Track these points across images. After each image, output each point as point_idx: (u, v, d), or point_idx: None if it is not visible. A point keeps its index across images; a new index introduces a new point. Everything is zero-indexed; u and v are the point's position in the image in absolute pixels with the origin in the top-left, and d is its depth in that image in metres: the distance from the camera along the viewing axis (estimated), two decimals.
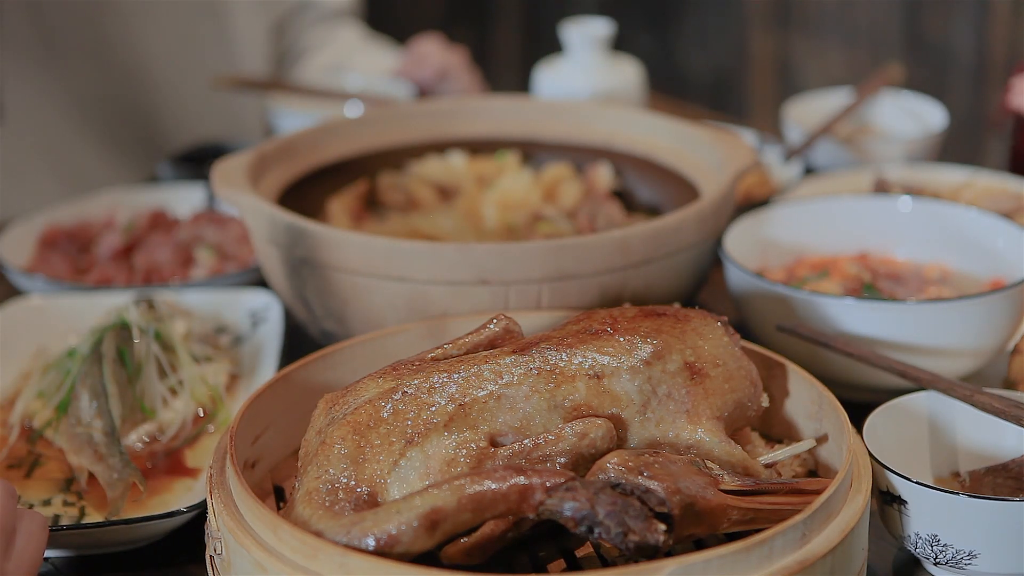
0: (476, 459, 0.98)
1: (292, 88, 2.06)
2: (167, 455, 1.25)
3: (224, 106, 2.21)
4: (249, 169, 1.43)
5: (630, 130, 1.63)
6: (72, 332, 1.41)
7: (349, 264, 1.28)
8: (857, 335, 1.27)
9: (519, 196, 1.58)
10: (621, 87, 1.96)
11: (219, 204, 1.76)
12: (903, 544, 1.07)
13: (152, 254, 1.63)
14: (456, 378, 1.02)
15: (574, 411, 1.03)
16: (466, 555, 0.96)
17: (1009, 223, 1.42)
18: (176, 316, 1.40)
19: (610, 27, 1.97)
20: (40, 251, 1.66)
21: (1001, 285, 1.37)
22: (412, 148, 1.66)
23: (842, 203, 1.52)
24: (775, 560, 0.92)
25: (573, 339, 1.07)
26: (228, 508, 0.99)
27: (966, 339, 1.28)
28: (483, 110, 1.69)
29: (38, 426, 1.28)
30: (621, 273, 1.28)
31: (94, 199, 1.77)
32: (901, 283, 1.42)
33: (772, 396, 1.17)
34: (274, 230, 1.33)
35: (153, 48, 2.13)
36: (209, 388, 1.32)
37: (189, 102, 2.18)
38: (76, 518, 1.16)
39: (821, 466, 1.13)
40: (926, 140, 1.83)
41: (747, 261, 1.42)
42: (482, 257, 1.24)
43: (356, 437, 0.99)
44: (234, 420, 1.08)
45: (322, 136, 1.59)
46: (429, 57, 2.13)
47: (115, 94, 2.11)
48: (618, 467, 0.96)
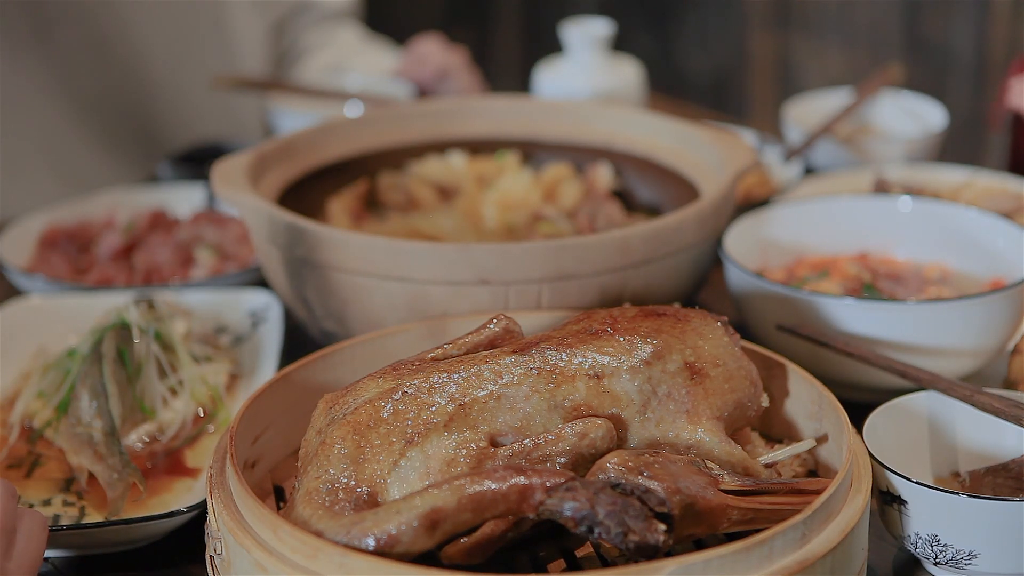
0: (476, 459, 0.98)
1: (292, 88, 2.06)
2: (167, 455, 1.25)
3: (224, 106, 2.21)
4: (249, 169, 1.43)
5: (630, 130, 1.63)
6: (72, 332, 1.41)
7: (349, 264, 1.28)
8: (857, 335, 1.27)
9: (519, 196, 1.58)
10: (621, 87, 1.96)
11: (219, 204, 1.76)
12: (903, 544, 1.07)
13: (152, 254, 1.63)
14: (456, 378, 1.02)
15: (574, 411, 1.03)
16: (466, 555, 0.96)
17: (1009, 223, 1.42)
18: (176, 316, 1.40)
19: (610, 27, 1.97)
20: (40, 251, 1.66)
21: (1001, 285, 1.37)
22: (412, 148, 1.66)
23: (842, 203, 1.52)
24: (775, 560, 0.92)
25: (573, 339, 1.07)
26: (228, 508, 0.99)
27: (966, 339, 1.28)
28: (483, 110, 1.69)
29: (38, 426, 1.28)
30: (621, 273, 1.28)
31: (94, 199, 1.77)
32: (901, 283, 1.42)
33: (772, 396, 1.17)
34: (274, 230, 1.33)
35: (153, 48, 2.13)
36: (209, 388, 1.32)
37: (189, 102, 2.18)
38: (76, 518, 1.16)
39: (821, 466, 1.13)
40: (926, 140, 1.83)
41: (747, 261, 1.42)
42: (482, 257, 1.24)
43: (356, 437, 0.99)
44: (234, 420, 1.08)
45: (322, 136, 1.59)
46: (429, 57, 2.13)
47: (115, 94, 2.11)
48: (618, 467, 0.96)
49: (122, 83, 2.11)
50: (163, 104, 2.16)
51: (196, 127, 2.17)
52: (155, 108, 2.16)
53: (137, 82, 2.13)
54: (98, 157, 2.11)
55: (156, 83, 2.15)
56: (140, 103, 2.13)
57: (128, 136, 2.14)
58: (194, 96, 2.18)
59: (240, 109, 2.23)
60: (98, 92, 2.09)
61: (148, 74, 2.14)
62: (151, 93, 2.15)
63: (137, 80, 2.13)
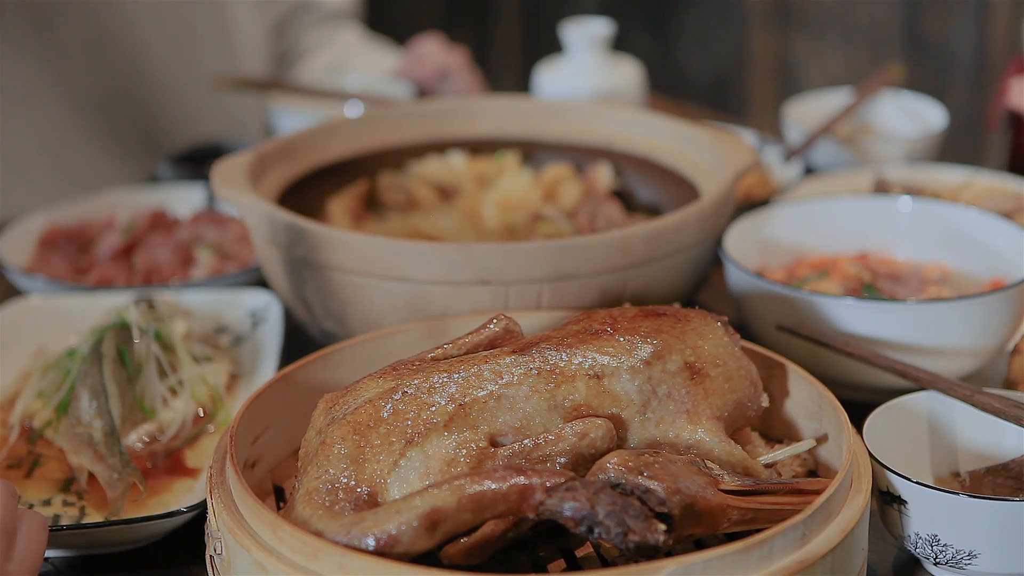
0: (476, 459, 0.98)
1: (292, 88, 2.06)
2: (167, 455, 1.25)
3: (224, 106, 2.21)
4: (249, 169, 1.43)
5: (630, 130, 1.63)
6: (72, 332, 1.41)
7: (349, 264, 1.28)
8: (857, 335, 1.27)
9: (519, 196, 1.58)
10: (621, 87, 1.96)
11: (219, 204, 1.76)
12: (903, 544, 1.07)
13: (152, 254, 1.63)
14: (456, 378, 1.02)
15: (574, 411, 1.03)
16: (466, 555, 0.96)
17: (1009, 223, 1.42)
18: (176, 316, 1.40)
19: (610, 27, 1.97)
20: (40, 251, 1.66)
21: (1001, 285, 1.37)
22: (412, 148, 1.66)
23: (842, 203, 1.52)
24: (775, 560, 0.92)
25: (573, 339, 1.07)
26: (228, 508, 0.99)
27: (966, 339, 1.28)
28: (483, 110, 1.69)
29: (38, 426, 1.28)
30: (621, 273, 1.28)
31: (94, 199, 1.77)
32: (901, 283, 1.42)
33: (772, 396, 1.17)
34: (274, 230, 1.33)
35: (153, 47, 2.13)
36: (209, 388, 1.32)
37: (189, 101, 2.18)
38: (76, 518, 1.16)
39: (821, 466, 1.13)
40: (926, 140, 1.83)
41: (747, 261, 1.42)
42: (482, 257, 1.24)
43: (356, 437, 0.99)
44: (234, 420, 1.07)
45: (322, 136, 1.59)
46: (429, 57, 2.13)
47: (115, 93, 2.11)
48: (618, 467, 0.96)
49: (123, 82, 2.11)
50: (164, 103, 2.16)
51: (196, 127, 2.17)
52: (155, 107, 2.16)
53: (138, 81, 2.13)
54: (98, 156, 2.11)
55: (157, 82, 2.15)
56: (141, 102, 2.13)
57: (128, 135, 2.14)
58: (194, 96, 2.18)
59: (240, 109, 2.23)
60: (99, 91, 2.09)
61: (149, 73, 2.14)
62: (151, 92, 2.15)
63: (138, 79, 2.13)
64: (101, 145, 2.11)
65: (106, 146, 2.12)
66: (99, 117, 2.11)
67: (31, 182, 2.04)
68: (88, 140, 2.10)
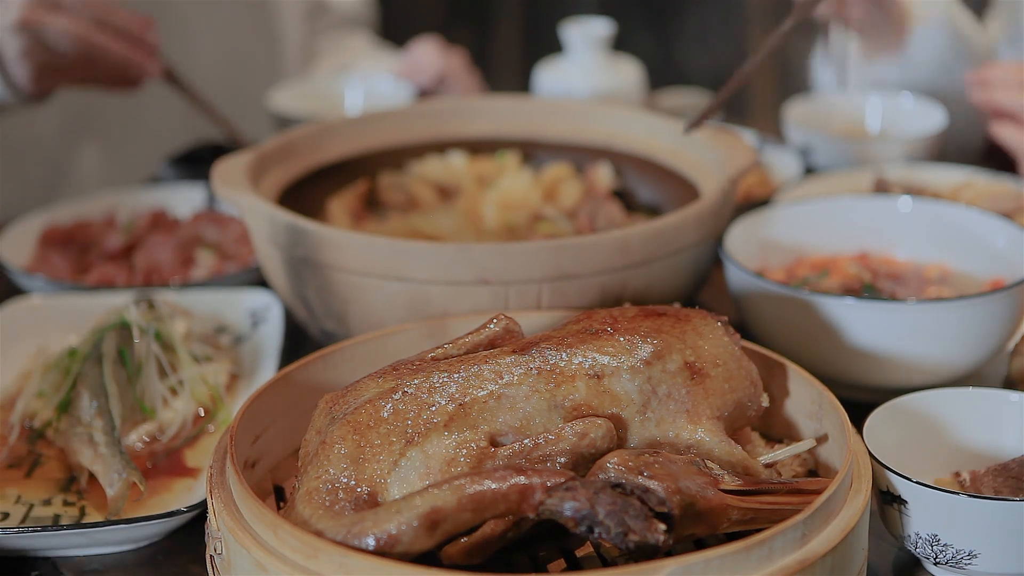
0: (476, 459, 0.98)
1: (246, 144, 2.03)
2: (167, 455, 1.25)
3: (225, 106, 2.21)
4: (249, 169, 1.43)
5: (630, 130, 1.63)
6: (72, 332, 1.41)
7: (349, 264, 1.28)
8: (857, 335, 1.27)
9: (519, 196, 1.58)
10: (621, 87, 1.96)
11: (219, 204, 1.76)
12: (903, 544, 1.07)
13: (152, 254, 1.63)
14: (456, 378, 1.02)
15: (574, 411, 1.03)
16: (466, 555, 0.96)
17: (1009, 223, 1.42)
18: (176, 316, 1.40)
19: (610, 27, 1.97)
20: (40, 251, 1.66)
21: (1001, 285, 1.37)
22: (412, 148, 1.66)
23: (842, 203, 1.52)
24: (775, 560, 0.92)
25: (573, 339, 1.07)
26: (228, 508, 0.99)
27: (966, 339, 1.28)
28: (483, 110, 1.69)
29: (38, 426, 1.28)
30: (621, 273, 1.28)
31: (94, 199, 1.77)
32: (901, 283, 1.42)
33: (772, 396, 1.17)
34: (274, 230, 1.33)
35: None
36: (209, 388, 1.32)
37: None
38: (76, 518, 1.16)
39: (821, 466, 1.13)
40: (926, 140, 1.83)
41: (747, 261, 1.42)
42: (482, 257, 1.24)
43: (356, 437, 0.99)
44: (234, 420, 1.08)
45: (322, 136, 1.59)
46: (425, 64, 2.13)
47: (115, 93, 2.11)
48: (618, 467, 0.96)
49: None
50: (164, 103, 2.16)
51: (196, 127, 2.17)
52: (156, 107, 2.16)
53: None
54: (98, 157, 2.11)
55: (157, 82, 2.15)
56: (141, 102, 2.13)
57: (128, 136, 2.14)
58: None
59: (241, 109, 2.22)
60: (99, 91, 2.08)
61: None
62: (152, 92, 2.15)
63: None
64: (101, 145, 2.11)
65: (106, 146, 2.12)
66: (99, 116, 2.11)
67: (31, 182, 2.04)
68: (88, 139, 2.10)
